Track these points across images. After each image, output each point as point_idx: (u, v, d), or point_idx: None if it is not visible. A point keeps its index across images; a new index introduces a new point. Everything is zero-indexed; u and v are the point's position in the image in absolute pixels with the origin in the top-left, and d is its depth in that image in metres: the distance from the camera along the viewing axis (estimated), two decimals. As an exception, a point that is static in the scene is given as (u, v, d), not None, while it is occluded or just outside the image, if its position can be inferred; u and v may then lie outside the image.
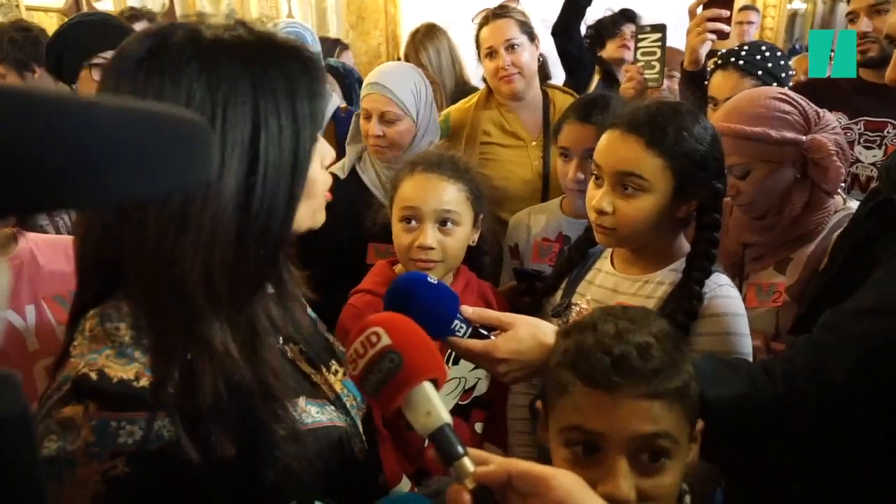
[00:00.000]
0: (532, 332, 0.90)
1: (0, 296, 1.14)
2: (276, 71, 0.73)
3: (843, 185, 1.45)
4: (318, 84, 0.76)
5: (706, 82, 1.88)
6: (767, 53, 1.79)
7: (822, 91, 1.68)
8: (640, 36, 1.94)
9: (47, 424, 0.65)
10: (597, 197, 1.15)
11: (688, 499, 0.79)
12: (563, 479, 0.57)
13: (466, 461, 0.60)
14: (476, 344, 0.91)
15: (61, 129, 0.28)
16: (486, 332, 0.92)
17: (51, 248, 1.23)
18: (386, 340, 0.64)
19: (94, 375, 0.66)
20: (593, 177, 1.19)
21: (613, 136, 1.15)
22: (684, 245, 1.23)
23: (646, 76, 1.92)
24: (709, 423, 0.79)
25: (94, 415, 0.65)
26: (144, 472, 0.66)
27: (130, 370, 0.67)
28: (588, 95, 1.93)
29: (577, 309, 1.27)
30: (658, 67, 1.90)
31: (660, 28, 1.92)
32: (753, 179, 1.38)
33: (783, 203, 1.39)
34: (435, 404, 0.62)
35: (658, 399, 0.71)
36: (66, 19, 4.07)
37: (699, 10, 1.77)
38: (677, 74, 2.22)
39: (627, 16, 3.05)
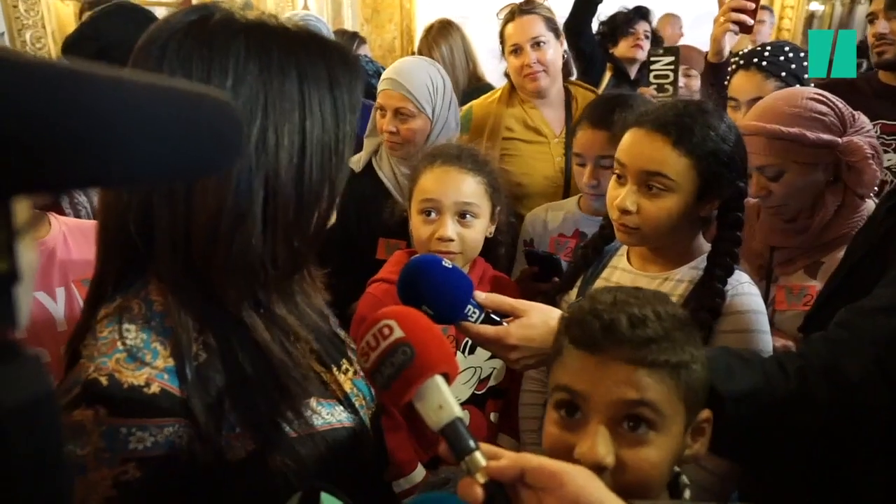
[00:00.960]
0: (544, 319, 0.90)
1: (29, 276, 1.16)
2: (320, 60, 0.73)
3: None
4: (356, 79, 0.77)
5: (728, 78, 1.88)
6: (791, 55, 1.78)
7: (841, 93, 1.68)
8: (652, 59, 1.95)
9: None
10: (620, 196, 1.14)
11: (687, 493, 0.77)
12: (577, 474, 0.57)
13: (478, 455, 0.59)
14: (488, 329, 0.91)
15: (87, 103, 0.28)
16: (498, 319, 0.92)
17: (82, 233, 1.25)
18: (398, 333, 0.64)
19: (104, 380, 0.65)
20: (615, 175, 1.19)
21: (639, 135, 1.14)
22: (703, 243, 1.23)
23: (658, 98, 1.93)
24: (720, 415, 0.79)
25: (104, 420, 0.64)
26: (156, 477, 0.66)
27: (141, 376, 0.66)
28: (603, 97, 1.93)
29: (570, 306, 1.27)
30: (671, 91, 1.93)
31: (673, 51, 1.94)
32: (786, 181, 1.36)
33: (815, 206, 1.37)
34: (447, 398, 0.62)
35: (644, 367, 0.70)
36: (80, 4, 4.09)
37: None
38: (695, 73, 2.22)
39: (641, 13, 3.04)
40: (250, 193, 0.69)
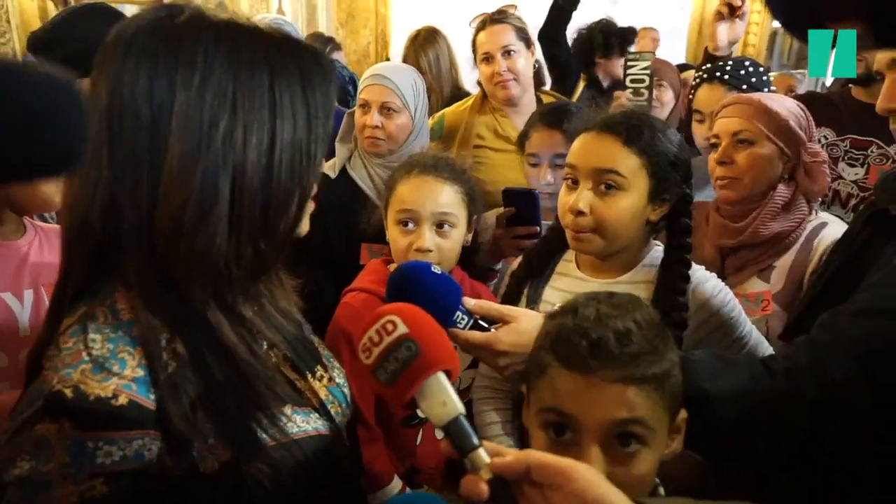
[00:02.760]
0: (534, 325, 0.90)
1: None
2: (292, 60, 0.73)
3: (823, 197, 1.53)
4: (329, 81, 0.76)
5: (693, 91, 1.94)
6: (751, 69, 1.86)
7: (817, 106, 1.74)
8: (629, 62, 1.98)
9: (18, 442, 0.62)
10: (573, 198, 1.14)
11: (661, 490, 0.79)
12: (584, 471, 0.57)
13: (482, 452, 0.59)
14: (477, 336, 0.91)
15: None
16: (486, 325, 0.92)
17: (58, 237, 1.23)
18: (403, 329, 0.64)
19: (69, 392, 0.62)
20: (565, 182, 1.20)
21: (589, 137, 1.17)
22: (650, 247, 1.25)
23: (634, 102, 1.96)
24: (705, 414, 0.80)
25: (69, 434, 0.62)
26: (125, 492, 0.64)
27: (108, 387, 0.64)
28: (551, 104, 1.96)
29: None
30: (646, 95, 1.96)
31: (648, 56, 1.97)
32: (753, 153, 1.43)
33: (764, 195, 1.44)
34: (450, 394, 0.62)
35: (634, 384, 0.70)
36: (47, 3, 3.99)
37: None
38: (666, 84, 2.27)
39: (622, 41, 3.04)
40: (216, 190, 0.68)
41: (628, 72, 1.98)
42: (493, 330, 0.92)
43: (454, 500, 0.66)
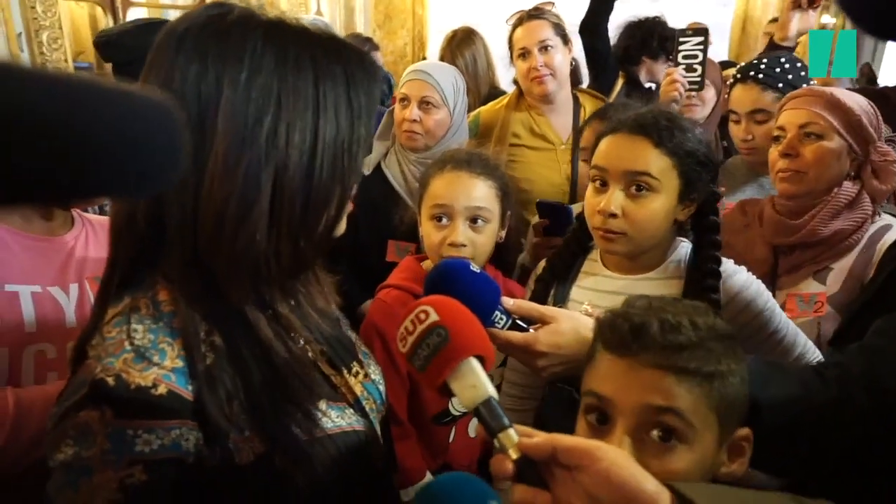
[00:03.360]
0: (573, 326, 0.89)
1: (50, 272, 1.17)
2: (337, 61, 0.73)
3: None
4: (373, 82, 0.77)
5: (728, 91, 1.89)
6: (787, 65, 1.78)
7: (873, 100, 1.68)
8: (681, 39, 1.94)
9: (63, 428, 0.64)
10: (604, 200, 1.13)
11: None
12: (610, 451, 0.56)
13: (511, 432, 0.60)
14: (516, 336, 0.89)
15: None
16: (525, 325, 0.91)
17: (104, 230, 1.27)
18: (434, 317, 0.66)
19: (111, 381, 0.64)
20: (593, 184, 1.18)
21: (619, 139, 1.15)
22: (677, 243, 1.23)
23: (687, 79, 1.92)
24: (757, 424, 0.77)
25: (110, 422, 0.63)
26: (162, 480, 0.65)
27: (149, 376, 0.65)
28: (613, 104, 1.94)
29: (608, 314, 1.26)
30: (699, 70, 1.91)
31: (702, 32, 1.93)
32: (820, 148, 1.39)
33: (827, 192, 1.40)
34: (480, 378, 0.64)
35: (673, 373, 0.69)
36: (96, 9, 4.14)
37: None
38: (708, 82, 2.21)
39: (666, 49, 2.90)
40: (258, 186, 0.69)
41: (681, 48, 1.93)
42: (531, 330, 0.91)
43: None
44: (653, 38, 2.94)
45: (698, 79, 1.92)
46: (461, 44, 2.88)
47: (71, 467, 0.63)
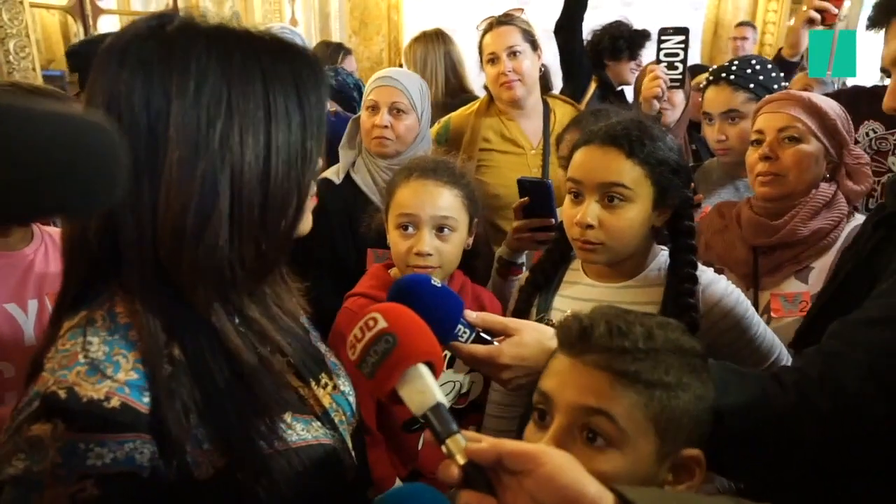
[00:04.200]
0: (536, 338, 0.90)
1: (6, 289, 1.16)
2: (285, 64, 0.74)
3: (872, 192, 1.54)
4: (322, 84, 0.77)
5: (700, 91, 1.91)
6: (758, 67, 1.82)
7: (864, 99, 1.71)
8: (662, 38, 1.97)
9: (16, 442, 0.63)
10: (580, 212, 1.15)
11: None
12: (554, 455, 0.57)
13: (459, 438, 0.60)
14: (480, 349, 0.90)
15: None
16: (489, 338, 0.92)
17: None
18: (382, 324, 0.67)
19: (63, 394, 0.63)
20: (569, 195, 1.20)
21: (592, 151, 1.17)
22: (655, 247, 1.26)
23: (668, 76, 1.95)
24: (718, 430, 0.77)
25: (61, 435, 0.62)
26: (115, 495, 0.64)
27: (101, 389, 0.64)
28: (590, 110, 1.96)
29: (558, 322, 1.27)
30: (681, 68, 1.94)
31: (683, 31, 1.95)
32: (801, 150, 1.43)
33: (805, 194, 1.44)
34: (428, 384, 0.64)
35: (611, 376, 0.69)
36: (67, 17, 4.09)
37: None
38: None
39: (646, 37, 2.98)
40: (216, 191, 0.69)
41: (662, 46, 1.96)
42: (495, 343, 0.91)
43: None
44: (609, 40, 2.98)
45: (679, 76, 1.95)
46: (417, 42, 2.88)
47: (21, 482, 0.62)
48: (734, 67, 1.82)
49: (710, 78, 1.87)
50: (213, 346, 0.72)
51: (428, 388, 0.64)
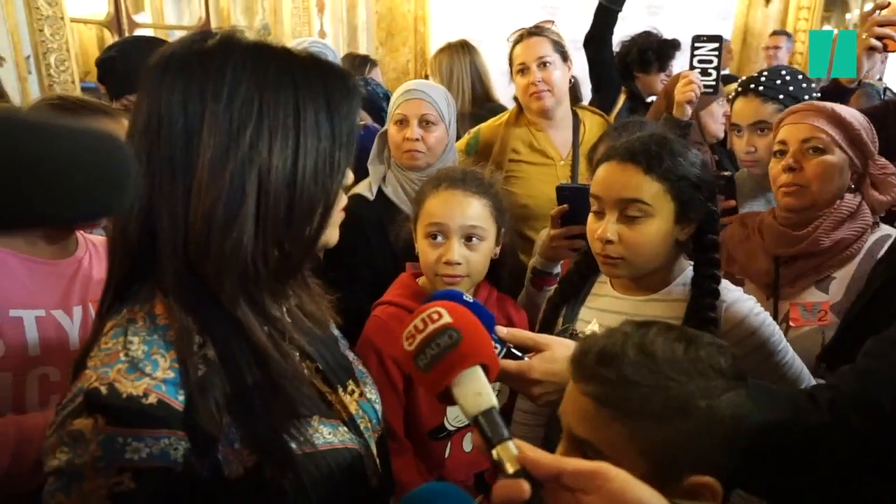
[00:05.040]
0: (566, 354, 0.89)
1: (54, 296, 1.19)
2: (317, 77, 0.77)
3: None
4: (354, 99, 0.80)
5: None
6: (788, 77, 1.81)
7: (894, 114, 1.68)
8: (696, 45, 1.96)
9: (60, 435, 0.66)
10: (601, 227, 1.17)
11: None
12: (619, 472, 0.56)
13: (510, 445, 0.59)
14: (510, 364, 0.90)
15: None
16: (519, 354, 0.92)
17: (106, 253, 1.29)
18: (447, 318, 0.66)
19: (104, 390, 0.66)
20: (592, 211, 1.22)
21: (611, 168, 1.19)
22: (682, 261, 1.26)
23: (703, 82, 1.94)
24: (750, 448, 0.75)
25: (102, 429, 0.65)
26: (150, 489, 0.66)
27: (140, 386, 0.67)
28: (616, 124, 1.95)
29: (585, 335, 1.27)
30: (714, 75, 1.94)
31: (716, 38, 1.95)
32: (821, 162, 1.41)
33: (829, 205, 1.42)
34: (486, 387, 0.63)
35: (595, 403, 0.68)
36: (104, 31, 4.21)
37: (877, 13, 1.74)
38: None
39: (659, 55, 2.96)
40: (243, 190, 0.72)
41: (696, 52, 1.96)
42: (526, 358, 0.92)
43: None
44: (637, 52, 2.97)
45: (713, 83, 1.94)
46: (443, 53, 2.90)
47: (64, 473, 0.65)
48: (763, 78, 1.81)
49: (739, 89, 1.86)
50: (241, 344, 0.75)
51: (485, 391, 0.63)
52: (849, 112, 1.43)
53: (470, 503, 0.65)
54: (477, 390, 0.63)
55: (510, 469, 0.57)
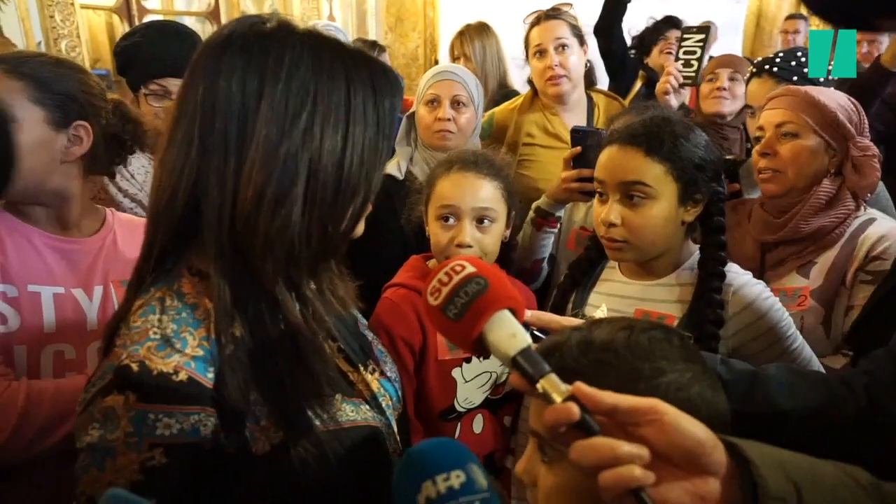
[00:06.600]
0: None
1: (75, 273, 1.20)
2: (365, 70, 0.79)
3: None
4: (396, 93, 0.82)
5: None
6: (803, 59, 1.80)
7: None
8: (685, 35, 1.96)
9: (90, 412, 0.68)
10: (605, 211, 1.18)
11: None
12: (671, 406, 0.56)
13: (553, 377, 0.59)
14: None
15: None
16: (543, 337, 0.90)
17: (132, 231, 1.29)
18: (471, 269, 0.66)
19: (135, 367, 0.68)
20: (597, 195, 1.23)
21: (613, 151, 1.19)
22: (691, 246, 1.25)
23: (683, 74, 1.94)
24: (778, 432, 0.75)
25: (133, 406, 0.67)
26: (180, 464, 0.68)
27: (170, 363, 0.69)
28: (626, 108, 1.94)
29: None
30: (696, 66, 1.93)
31: (704, 29, 1.94)
32: (796, 145, 1.41)
33: (809, 190, 1.42)
34: (518, 327, 0.64)
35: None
36: (113, 17, 4.21)
37: None
38: (740, 78, 2.20)
39: (673, 22, 3.03)
40: (296, 171, 0.74)
41: (683, 43, 1.96)
42: None
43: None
44: (650, 31, 2.98)
45: (693, 74, 1.93)
46: (472, 33, 2.86)
47: (96, 449, 0.67)
48: (778, 60, 1.80)
49: (754, 70, 1.85)
50: (274, 320, 0.77)
51: (518, 331, 0.63)
52: (826, 94, 1.42)
53: (474, 459, 0.65)
54: (511, 332, 0.63)
55: (557, 399, 0.57)
